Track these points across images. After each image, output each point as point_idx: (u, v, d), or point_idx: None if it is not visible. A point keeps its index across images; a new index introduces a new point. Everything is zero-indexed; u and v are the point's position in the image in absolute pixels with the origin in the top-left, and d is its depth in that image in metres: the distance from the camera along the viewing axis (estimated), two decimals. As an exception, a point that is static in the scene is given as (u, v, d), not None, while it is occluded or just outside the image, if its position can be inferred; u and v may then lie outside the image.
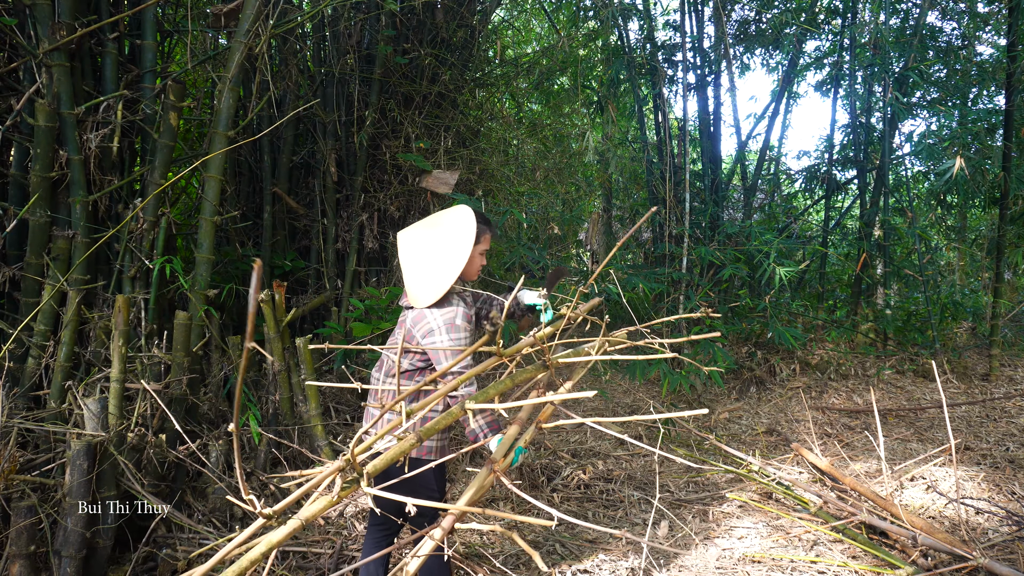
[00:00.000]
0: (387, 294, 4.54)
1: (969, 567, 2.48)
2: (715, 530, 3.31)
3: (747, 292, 6.80)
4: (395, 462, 1.44)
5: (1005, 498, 3.45)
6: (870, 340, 6.70)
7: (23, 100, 2.91)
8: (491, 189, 5.82)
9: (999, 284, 6.12)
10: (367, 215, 4.99)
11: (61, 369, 2.88)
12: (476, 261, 2.20)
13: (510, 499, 3.73)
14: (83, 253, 2.97)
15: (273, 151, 4.75)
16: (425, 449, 2.13)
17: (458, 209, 2.23)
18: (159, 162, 3.13)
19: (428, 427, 1.54)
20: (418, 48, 5.06)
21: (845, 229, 7.71)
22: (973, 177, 5.69)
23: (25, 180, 3.01)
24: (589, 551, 3.12)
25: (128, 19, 3.27)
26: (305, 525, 1.23)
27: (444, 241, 2.14)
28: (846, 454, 4.31)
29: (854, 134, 6.91)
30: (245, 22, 3.19)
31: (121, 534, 2.66)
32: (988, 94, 7.10)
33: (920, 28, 6.27)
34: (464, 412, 1.57)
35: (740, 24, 7.36)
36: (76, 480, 2.41)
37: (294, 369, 3.72)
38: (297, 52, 4.80)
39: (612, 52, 6.39)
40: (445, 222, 2.19)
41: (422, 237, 2.18)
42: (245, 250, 4.48)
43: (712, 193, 6.71)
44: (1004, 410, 5.07)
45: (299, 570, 2.76)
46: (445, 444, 2.18)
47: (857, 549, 2.94)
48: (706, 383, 5.71)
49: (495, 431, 2.07)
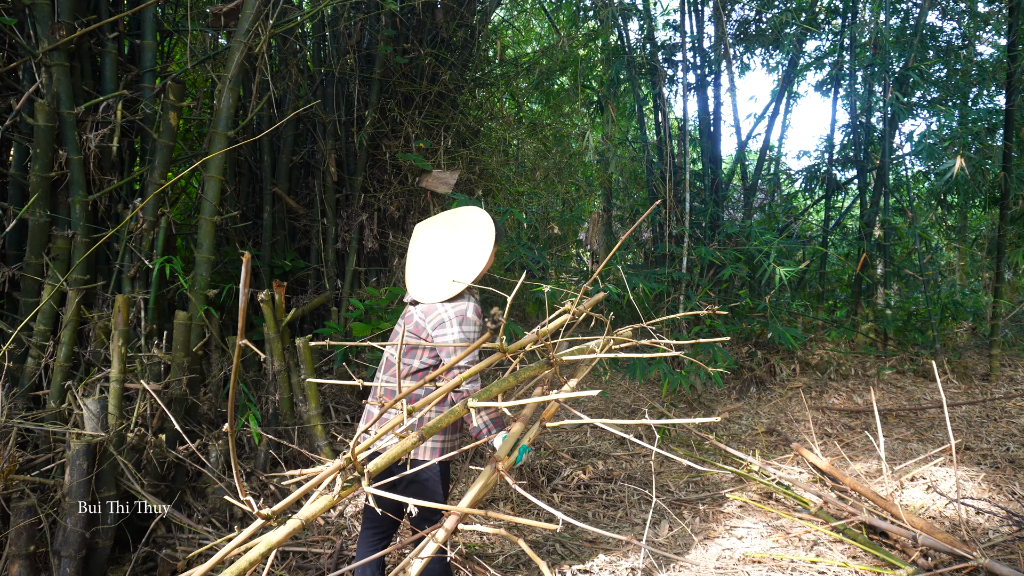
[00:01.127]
0: (387, 294, 4.54)
1: (969, 567, 2.47)
2: (715, 530, 3.31)
3: (747, 292, 6.79)
4: (397, 461, 1.45)
5: (1005, 498, 3.44)
6: (870, 340, 6.70)
7: (23, 100, 2.91)
8: (491, 189, 5.82)
9: (999, 284, 6.11)
10: (367, 215, 4.99)
11: (61, 369, 2.88)
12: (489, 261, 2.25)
13: (510, 499, 3.72)
14: (83, 253, 2.97)
15: (273, 151, 4.75)
16: (428, 450, 2.12)
17: (473, 210, 2.26)
18: (159, 162, 3.13)
19: (430, 425, 1.54)
20: (418, 48, 5.06)
21: (845, 229, 7.71)
22: (973, 177, 5.68)
23: (25, 180, 3.01)
24: (589, 551, 3.12)
25: (128, 19, 3.27)
26: (305, 525, 1.23)
27: (467, 240, 2.18)
28: (846, 454, 4.30)
29: (854, 134, 6.91)
30: (245, 22, 3.18)
31: (121, 534, 2.65)
32: (988, 94, 7.10)
33: (920, 28, 6.26)
34: (467, 410, 1.58)
35: (740, 24, 7.36)
36: (76, 480, 2.41)
37: (294, 369, 3.72)
38: (297, 52, 4.79)
39: (612, 52, 6.39)
40: (464, 221, 2.23)
41: (441, 235, 2.22)
42: (245, 250, 4.48)
43: (712, 193, 6.71)
44: (1004, 410, 5.07)
45: (299, 570, 2.76)
46: (451, 446, 2.17)
47: (857, 549, 2.94)
48: (706, 383, 5.71)
49: (499, 428, 2.06)
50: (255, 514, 1.16)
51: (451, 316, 2.09)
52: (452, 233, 2.22)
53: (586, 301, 2.12)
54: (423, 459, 2.10)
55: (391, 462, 1.40)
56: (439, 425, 1.54)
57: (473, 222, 2.22)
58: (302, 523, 1.23)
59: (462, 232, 2.20)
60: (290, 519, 1.23)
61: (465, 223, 2.23)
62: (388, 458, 1.39)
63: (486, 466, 1.66)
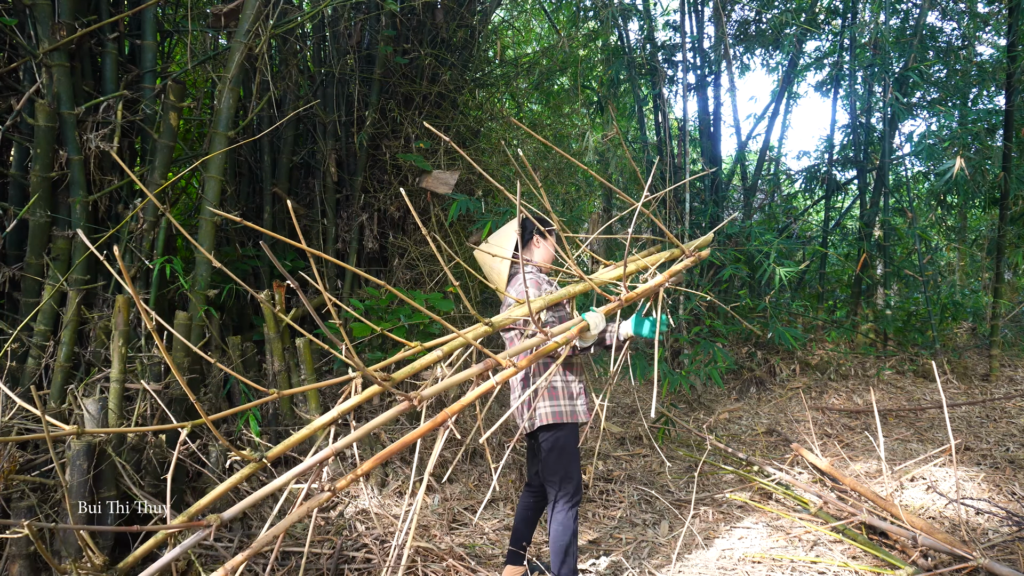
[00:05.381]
0: (387, 294, 4.54)
1: (969, 567, 2.48)
2: (715, 530, 3.31)
3: (747, 292, 6.80)
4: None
5: (1005, 498, 3.44)
6: (870, 340, 6.70)
7: (23, 100, 2.91)
8: (491, 189, 5.81)
9: (999, 284, 6.12)
10: (367, 215, 4.99)
11: (61, 369, 2.88)
12: (538, 254, 2.72)
13: (510, 499, 3.73)
14: (83, 253, 2.97)
15: (273, 151, 4.75)
16: (548, 415, 2.49)
17: (509, 224, 2.79)
18: (159, 162, 3.13)
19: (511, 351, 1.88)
20: (418, 48, 5.06)
21: (845, 229, 7.71)
22: (973, 177, 5.68)
23: (25, 180, 3.01)
24: (590, 551, 3.13)
25: (128, 19, 3.27)
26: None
27: (499, 238, 2.77)
28: (846, 454, 4.31)
29: (854, 134, 6.91)
30: (245, 22, 3.19)
31: (120, 534, 2.66)
32: (988, 94, 7.10)
33: (920, 28, 6.27)
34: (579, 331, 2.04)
35: (740, 24, 7.36)
36: (76, 480, 2.41)
37: (294, 369, 3.73)
38: (297, 52, 4.79)
39: (612, 52, 6.40)
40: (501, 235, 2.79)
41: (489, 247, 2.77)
42: (245, 250, 4.48)
43: (712, 193, 6.71)
44: (1004, 410, 5.07)
45: (299, 570, 2.76)
46: (568, 410, 2.51)
47: (857, 549, 2.94)
48: (706, 383, 5.71)
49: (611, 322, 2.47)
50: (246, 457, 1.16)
51: (518, 285, 2.58)
52: (493, 240, 2.79)
53: (694, 242, 2.60)
54: (555, 422, 2.48)
55: (443, 390, 1.66)
56: (520, 348, 1.91)
57: (504, 226, 2.80)
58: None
59: (497, 240, 2.76)
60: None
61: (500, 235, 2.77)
62: (443, 386, 1.66)
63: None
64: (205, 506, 1.43)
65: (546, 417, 2.50)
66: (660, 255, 2.56)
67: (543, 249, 2.72)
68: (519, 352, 1.88)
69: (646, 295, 2.24)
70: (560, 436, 2.51)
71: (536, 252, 2.71)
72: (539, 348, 1.92)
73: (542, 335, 1.88)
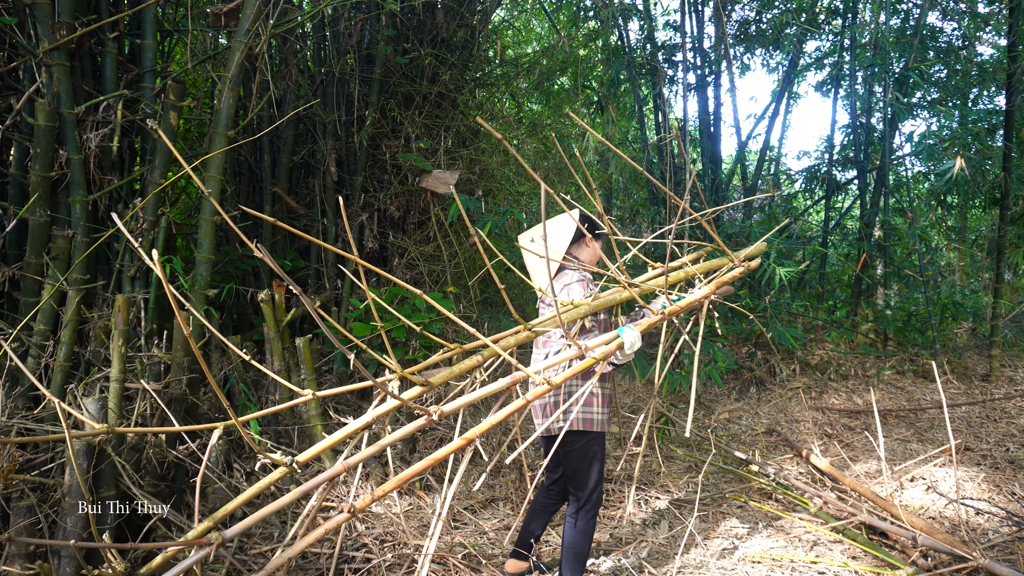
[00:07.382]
0: (387, 294, 4.54)
1: (969, 567, 2.47)
2: (715, 530, 3.31)
3: (747, 292, 6.80)
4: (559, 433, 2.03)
5: (1005, 499, 3.44)
6: (870, 340, 6.70)
7: (23, 100, 2.91)
8: (491, 189, 5.81)
9: (999, 284, 6.11)
10: (367, 215, 4.99)
11: (61, 369, 2.88)
12: (585, 254, 2.69)
13: (510, 499, 3.73)
14: (83, 253, 2.97)
15: (273, 151, 4.75)
16: (580, 421, 2.45)
17: (562, 216, 2.71)
18: (159, 162, 3.13)
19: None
20: (418, 48, 5.06)
21: (845, 229, 7.71)
22: (973, 177, 5.68)
23: (25, 180, 3.01)
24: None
25: (128, 19, 3.27)
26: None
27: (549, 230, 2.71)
28: (846, 454, 4.30)
29: (854, 134, 6.91)
30: (245, 22, 3.18)
31: (120, 534, 2.65)
32: (988, 94, 7.10)
33: (920, 28, 6.26)
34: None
35: (740, 24, 7.36)
36: (76, 480, 2.41)
37: (294, 369, 3.72)
38: (297, 52, 4.79)
39: (612, 52, 6.39)
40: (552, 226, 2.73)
41: (535, 236, 2.72)
42: (245, 250, 4.48)
43: (712, 193, 6.71)
44: (1004, 411, 5.06)
45: (299, 570, 2.76)
46: (600, 418, 2.50)
47: (857, 549, 2.94)
48: (706, 383, 5.71)
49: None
50: (274, 460, 1.15)
51: (573, 281, 2.48)
52: (540, 231, 2.66)
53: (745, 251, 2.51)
54: (581, 429, 2.46)
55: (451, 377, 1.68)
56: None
57: (556, 218, 2.74)
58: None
59: (547, 229, 2.67)
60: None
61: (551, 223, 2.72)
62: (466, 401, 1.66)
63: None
64: (231, 511, 1.43)
65: (579, 423, 2.46)
66: (707, 264, 2.46)
67: (592, 250, 2.70)
68: (552, 367, 1.85)
69: (690, 309, 2.14)
70: (592, 443, 2.50)
71: (584, 252, 2.70)
72: (575, 365, 1.89)
73: (578, 348, 1.85)
